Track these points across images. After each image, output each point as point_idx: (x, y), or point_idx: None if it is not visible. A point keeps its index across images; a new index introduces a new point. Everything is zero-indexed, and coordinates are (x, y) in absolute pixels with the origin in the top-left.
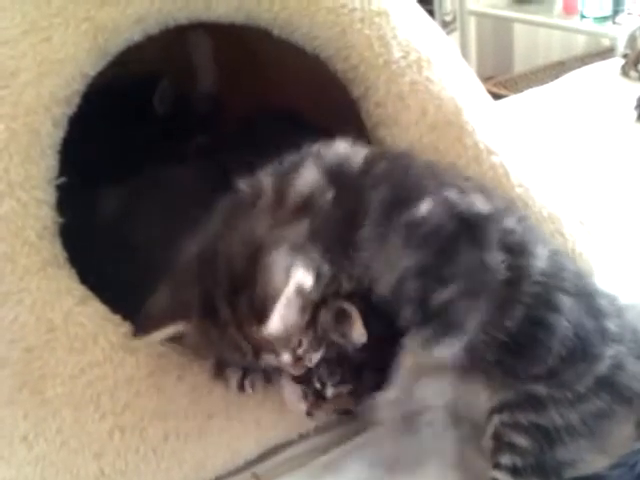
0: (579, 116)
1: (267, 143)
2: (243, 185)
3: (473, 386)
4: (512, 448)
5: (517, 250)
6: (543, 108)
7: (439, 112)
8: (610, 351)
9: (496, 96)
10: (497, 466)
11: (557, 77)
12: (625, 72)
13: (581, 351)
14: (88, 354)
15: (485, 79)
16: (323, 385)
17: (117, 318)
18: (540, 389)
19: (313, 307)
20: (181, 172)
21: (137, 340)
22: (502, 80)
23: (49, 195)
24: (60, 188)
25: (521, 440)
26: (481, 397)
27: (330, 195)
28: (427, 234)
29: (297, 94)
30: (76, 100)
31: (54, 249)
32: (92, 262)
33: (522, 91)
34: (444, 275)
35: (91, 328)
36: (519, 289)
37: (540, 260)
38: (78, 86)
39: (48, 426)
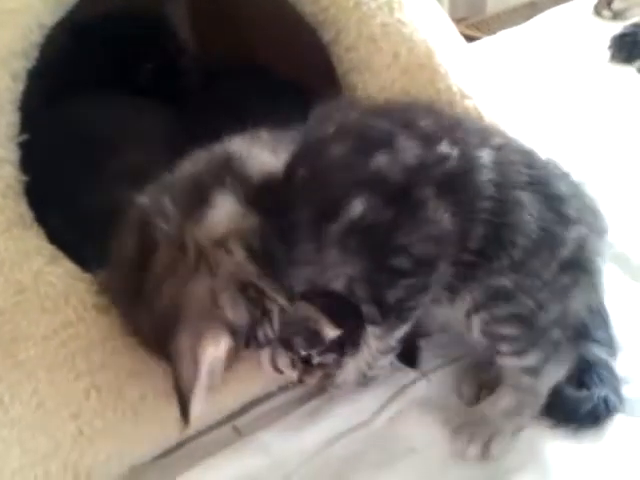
0: (552, 57)
1: (227, 98)
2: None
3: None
4: (503, 338)
5: (458, 181)
6: (516, 49)
7: (411, 55)
8: (572, 234)
9: (469, 38)
10: (500, 353)
11: (530, 18)
12: (598, 12)
13: (544, 241)
14: (60, 314)
15: (457, 21)
16: (309, 354)
17: (88, 277)
18: (506, 281)
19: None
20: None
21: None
22: (475, 22)
23: (11, 153)
24: (23, 146)
25: (507, 330)
26: (456, 309)
27: (256, 221)
28: (362, 238)
29: (267, 45)
30: (35, 53)
31: (19, 208)
32: None
33: (495, 33)
34: (392, 274)
35: (62, 288)
36: (473, 211)
37: (485, 171)
38: (36, 38)
39: (23, 388)
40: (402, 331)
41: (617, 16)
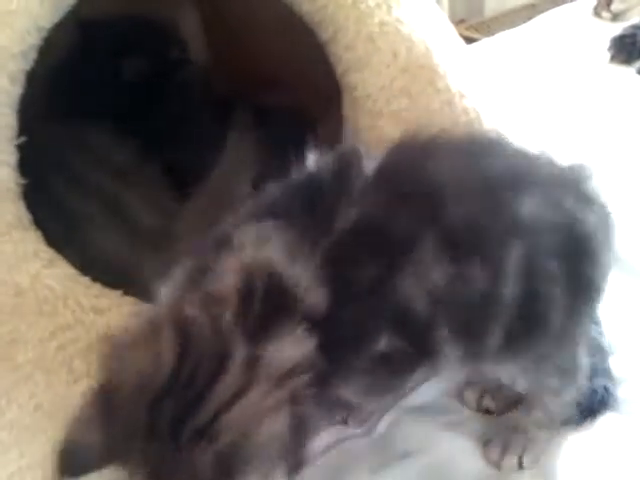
0: (552, 58)
1: None
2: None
3: None
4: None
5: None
6: (515, 51)
7: (410, 54)
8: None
9: (468, 40)
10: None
11: (529, 19)
12: (597, 13)
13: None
14: (58, 317)
15: (456, 22)
16: None
17: (86, 280)
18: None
19: None
20: None
21: None
22: (474, 23)
23: (9, 155)
24: (21, 148)
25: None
26: None
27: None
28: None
29: (268, 51)
30: (33, 55)
31: (18, 211)
32: None
33: (494, 34)
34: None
35: (60, 290)
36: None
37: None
38: (34, 40)
39: (20, 391)
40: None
41: (616, 17)
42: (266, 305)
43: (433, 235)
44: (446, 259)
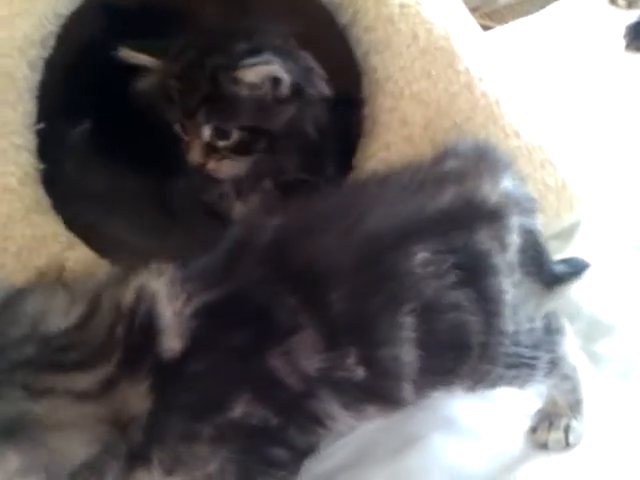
0: (567, 46)
1: None
2: None
3: None
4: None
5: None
6: (530, 39)
7: (430, 36)
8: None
9: (482, 27)
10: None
11: (543, 7)
12: (613, 0)
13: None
14: None
15: (471, 10)
16: None
17: (106, 263)
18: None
19: None
20: None
21: None
22: (488, 11)
23: (28, 141)
24: (40, 134)
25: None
26: None
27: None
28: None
29: None
30: (51, 42)
31: (37, 195)
32: None
33: (508, 22)
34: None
35: (80, 273)
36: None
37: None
38: (52, 27)
39: None
40: None
41: (632, 4)
42: (137, 335)
43: (313, 325)
44: (323, 348)
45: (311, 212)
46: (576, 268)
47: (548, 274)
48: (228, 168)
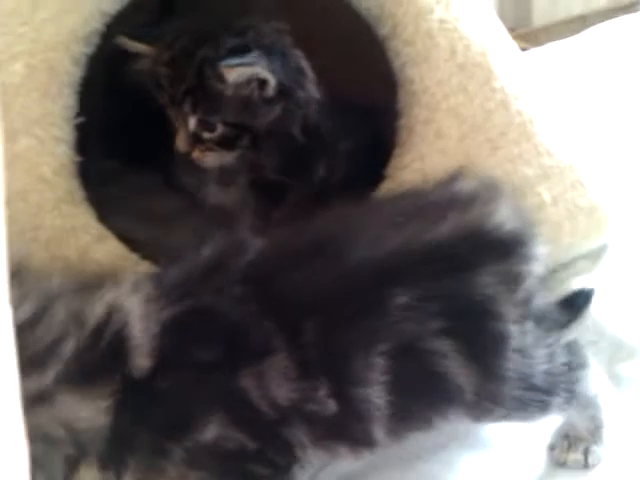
0: (603, 70)
1: None
2: None
3: None
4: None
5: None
6: (565, 62)
7: (468, 52)
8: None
9: None
10: None
11: (578, 31)
12: None
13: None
14: None
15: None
16: None
17: (135, 257)
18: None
19: None
20: None
21: None
22: (522, 33)
23: (66, 133)
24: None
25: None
26: None
27: None
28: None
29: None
30: (95, 39)
31: (69, 187)
32: None
33: (543, 44)
34: None
35: (108, 266)
36: None
37: None
38: (97, 24)
39: None
40: None
41: None
42: (102, 353)
43: (286, 350)
44: (294, 376)
45: (296, 235)
46: (583, 299)
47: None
48: (212, 159)
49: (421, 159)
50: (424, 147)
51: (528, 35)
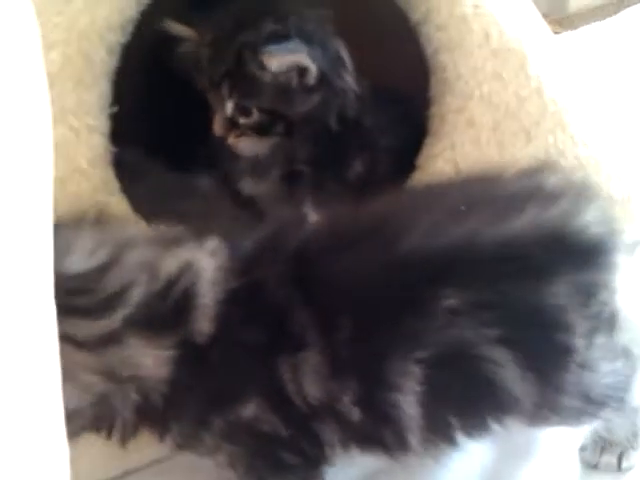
0: (637, 54)
1: None
2: None
3: None
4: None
5: None
6: (601, 46)
7: (502, 38)
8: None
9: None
10: None
11: (615, 13)
12: None
13: None
14: None
15: (541, 16)
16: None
17: None
18: None
19: None
20: None
21: None
22: (557, 18)
23: (101, 123)
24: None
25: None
26: None
27: None
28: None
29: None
30: (130, 28)
31: (105, 177)
32: None
33: (578, 29)
34: None
35: None
36: None
37: None
38: (132, 13)
39: None
40: None
41: None
42: (170, 305)
43: (319, 347)
44: (325, 376)
45: (348, 218)
46: None
47: None
48: (247, 145)
49: (452, 148)
50: (456, 136)
51: (564, 20)
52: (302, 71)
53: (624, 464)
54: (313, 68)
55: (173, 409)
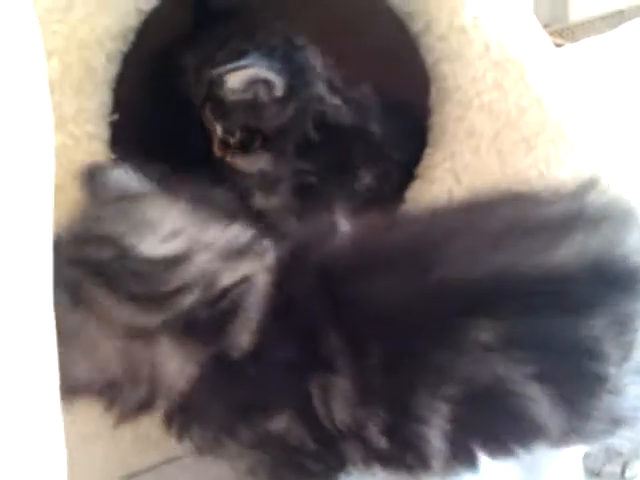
0: (638, 67)
1: None
2: None
3: None
4: None
5: None
6: (602, 58)
7: (502, 48)
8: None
9: (552, 45)
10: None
11: (616, 26)
12: None
13: None
14: None
15: (541, 27)
16: None
17: None
18: None
19: None
20: None
21: None
22: (558, 28)
23: (101, 130)
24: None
25: None
26: None
27: None
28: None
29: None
30: (130, 36)
31: None
32: None
33: (578, 40)
34: None
35: None
36: None
37: None
38: (132, 22)
39: None
40: None
41: None
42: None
43: (349, 373)
44: (354, 403)
45: (379, 238)
46: None
47: None
48: (244, 163)
49: (452, 158)
50: (456, 145)
51: (564, 31)
52: (268, 84)
53: (627, 473)
54: (276, 79)
55: (195, 414)
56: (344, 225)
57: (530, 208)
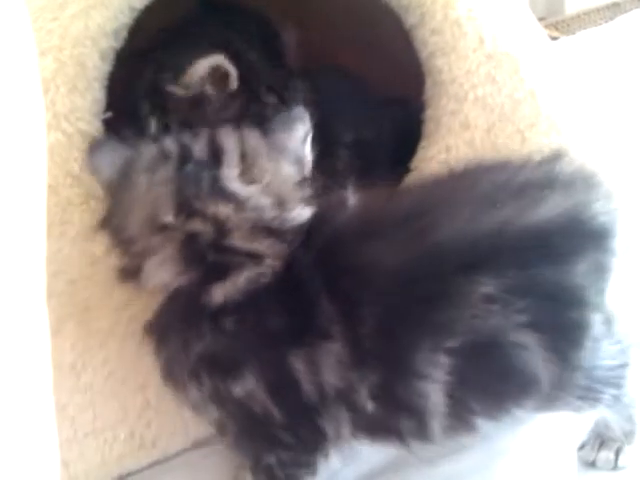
0: (635, 60)
1: None
2: None
3: None
4: None
5: None
6: (597, 51)
7: (497, 42)
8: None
9: (548, 38)
10: None
11: (612, 19)
12: None
13: None
14: (131, 287)
15: (537, 20)
16: None
17: None
18: None
19: None
20: None
21: None
22: (554, 22)
23: (94, 128)
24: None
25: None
26: None
27: None
28: None
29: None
30: (124, 34)
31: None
32: None
33: (575, 33)
34: None
35: None
36: None
37: None
38: (126, 20)
39: (95, 356)
40: None
41: None
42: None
43: (343, 339)
44: (346, 367)
45: (379, 209)
46: None
47: None
48: None
49: (447, 151)
50: (450, 138)
51: (560, 24)
52: (222, 76)
53: (621, 461)
54: (232, 70)
55: (160, 337)
56: (353, 199)
57: (512, 173)
